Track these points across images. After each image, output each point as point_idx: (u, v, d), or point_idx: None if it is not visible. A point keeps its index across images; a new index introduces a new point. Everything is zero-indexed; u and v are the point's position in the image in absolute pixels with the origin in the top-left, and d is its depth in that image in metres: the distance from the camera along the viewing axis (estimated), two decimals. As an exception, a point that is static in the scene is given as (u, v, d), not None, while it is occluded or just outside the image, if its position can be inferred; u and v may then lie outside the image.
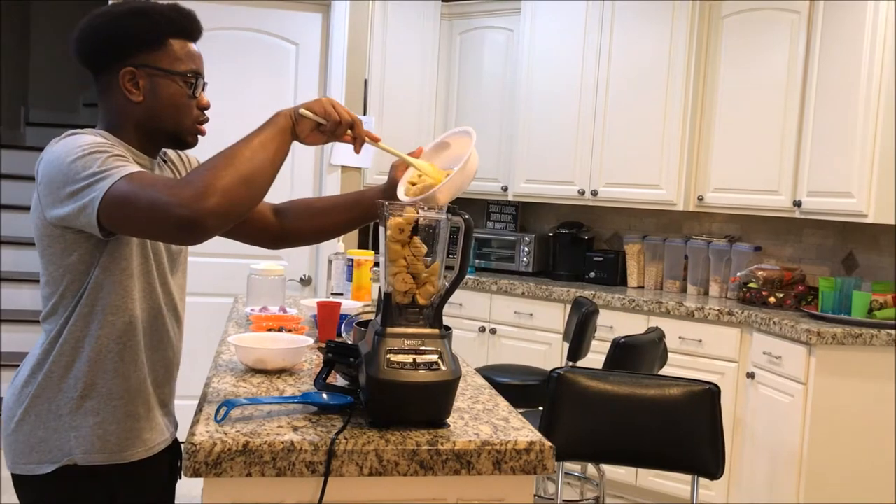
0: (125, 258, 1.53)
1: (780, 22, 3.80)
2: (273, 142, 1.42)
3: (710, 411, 1.91)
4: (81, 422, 1.52)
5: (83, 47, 1.54)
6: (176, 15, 1.53)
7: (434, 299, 1.58)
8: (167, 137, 1.58)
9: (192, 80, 1.55)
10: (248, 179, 1.35)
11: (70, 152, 1.39)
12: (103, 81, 1.55)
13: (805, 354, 3.23)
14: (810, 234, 4.01)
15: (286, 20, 4.38)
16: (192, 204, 1.27)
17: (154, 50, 1.51)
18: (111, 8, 1.53)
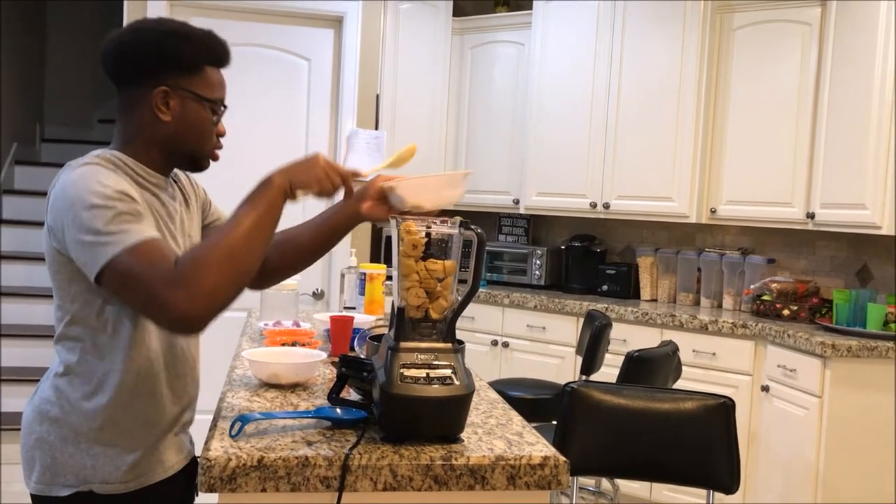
0: None
1: (792, 34, 3.80)
2: (268, 219, 1.44)
3: (725, 425, 1.90)
4: (100, 451, 1.50)
5: (119, 59, 1.53)
6: (214, 43, 1.56)
7: (447, 313, 1.58)
8: (185, 159, 1.59)
9: (219, 108, 1.58)
10: (243, 272, 1.38)
11: (82, 197, 1.37)
12: (130, 95, 1.53)
13: (820, 367, 3.21)
14: (824, 246, 3.99)
15: (298, 36, 4.41)
16: (186, 310, 1.30)
17: (190, 74, 1.52)
18: (155, 25, 1.54)
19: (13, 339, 4.50)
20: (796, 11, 3.78)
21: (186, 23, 1.56)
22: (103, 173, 1.42)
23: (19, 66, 5.76)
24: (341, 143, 4.47)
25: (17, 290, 4.81)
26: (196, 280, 1.31)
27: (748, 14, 3.92)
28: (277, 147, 4.34)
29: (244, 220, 1.40)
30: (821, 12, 3.71)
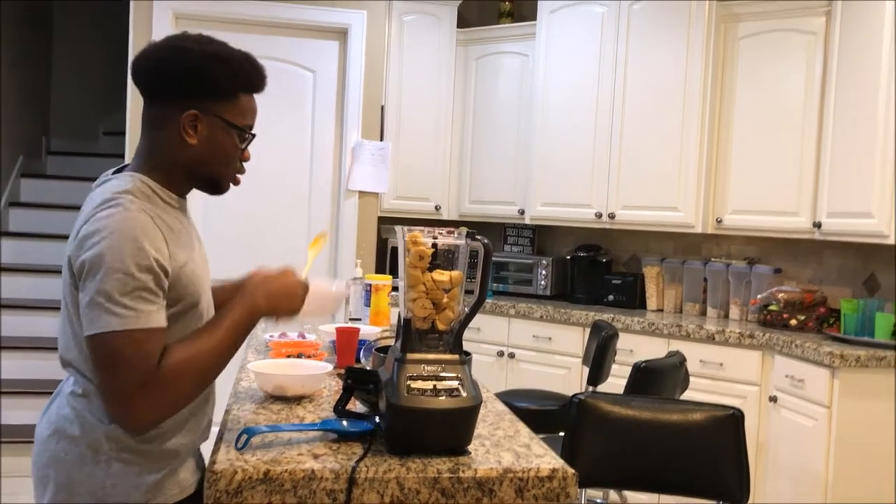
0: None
1: (797, 43, 3.79)
2: (243, 339, 1.51)
3: (734, 436, 1.88)
4: (120, 470, 1.45)
5: (151, 75, 1.50)
6: (251, 68, 1.53)
7: (454, 324, 1.58)
8: (205, 183, 1.57)
9: (246, 135, 1.56)
10: (206, 386, 1.47)
11: (114, 256, 1.34)
12: (159, 112, 1.51)
13: (828, 377, 3.19)
14: (831, 256, 3.98)
15: (304, 48, 4.43)
16: (144, 417, 1.36)
17: (223, 100, 1.50)
18: (195, 45, 1.50)
19: (18, 352, 4.50)
20: (801, 21, 3.78)
21: (226, 44, 1.53)
22: (144, 229, 1.38)
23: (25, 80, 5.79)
24: (346, 155, 4.47)
25: (24, 303, 4.82)
26: (167, 391, 1.36)
27: (752, 24, 3.92)
28: (283, 159, 4.34)
29: (227, 339, 1.46)
30: (825, 22, 3.70)
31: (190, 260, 1.50)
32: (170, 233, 1.46)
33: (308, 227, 4.49)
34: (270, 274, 1.57)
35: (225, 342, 1.45)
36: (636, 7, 4.15)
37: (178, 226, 1.51)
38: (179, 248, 1.47)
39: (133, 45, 4.19)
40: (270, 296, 1.52)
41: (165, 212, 1.49)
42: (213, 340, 1.44)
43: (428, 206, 4.77)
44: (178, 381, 1.38)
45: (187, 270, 1.47)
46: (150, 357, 1.35)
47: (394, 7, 4.62)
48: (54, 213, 5.47)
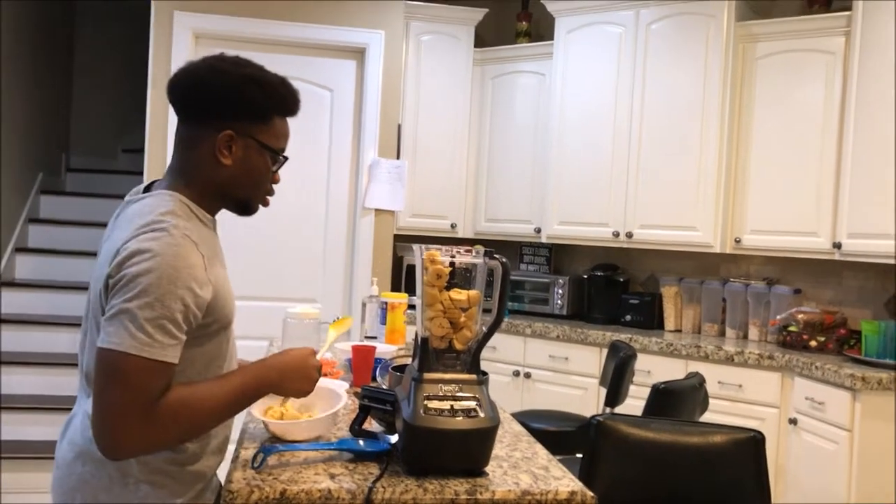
0: (203, 355, 1.50)
1: (816, 63, 3.78)
2: (246, 405, 1.49)
3: (755, 460, 1.85)
4: (148, 492, 1.45)
5: (189, 95, 1.51)
6: (286, 92, 1.54)
7: (471, 344, 1.56)
8: (236, 203, 1.57)
9: (279, 158, 1.56)
10: (196, 435, 1.46)
11: (152, 282, 1.33)
12: (193, 132, 1.52)
13: (849, 400, 3.15)
14: (851, 277, 3.93)
15: (322, 67, 4.46)
16: (131, 447, 1.35)
17: (258, 122, 1.51)
18: (233, 67, 1.51)
19: (35, 368, 4.52)
20: (820, 41, 3.77)
21: (262, 67, 1.55)
22: (188, 258, 1.38)
23: (46, 97, 5.85)
24: (363, 173, 4.48)
25: (41, 319, 4.84)
26: (156, 429, 1.34)
27: (771, 43, 3.90)
28: (300, 176, 4.36)
29: (229, 400, 1.43)
30: (844, 41, 3.68)
31: (224, 282, 1.51)
32: (209, 257, 1.45)
33: (324, 245, 4.50)
34: (292, 352, 1.55)
35: (226, 402, 1.42)
36: (654, 27, 4.15)
37: (214, 248, 1.52)
38: (216, 272, 1.47)
39: (153, 63, 4.23)
40: (284, 373, 1.50)
41: (202, 232, 1.49)
42: (216, 396, 1.41)
43: (444, 224, 4.77)
44: (170, 423, 1.35)
45: (222, 291, 1.48)
46: (153, 390, 1.33)
47: (411, 27, 4.64)
48: (73, 230, 5.51)
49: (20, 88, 5.17)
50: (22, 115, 5.24)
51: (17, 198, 5.31)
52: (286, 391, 1.52)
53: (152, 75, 4.23)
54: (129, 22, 6.34)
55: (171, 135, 4.23)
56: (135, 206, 1.49)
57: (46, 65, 5.80)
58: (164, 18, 4.22)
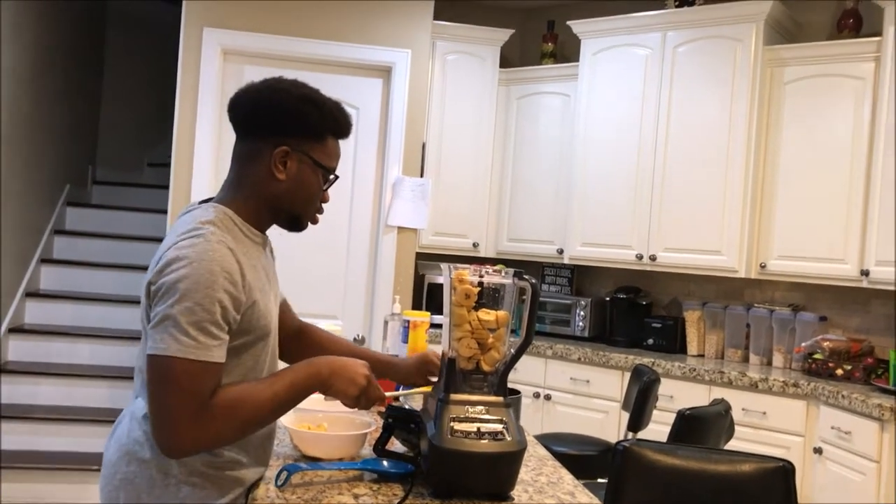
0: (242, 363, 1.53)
1: (845, 88, 3.75)
2: (298, 402, 1.51)
3: (785, 490, 1.81)
4: (189, 493, 1.49)
5: (249, 110, 1.58)
6: (340, 115, 1.61)
7: (499, 366, 1.55)
8: (287, 219, 1.62)
9: (330, 178, 1.62)
10: (248, 433, 1.49)
11: (191, 287, 1.39)
12: (251, 148, 1.57)
13: (877, 431, 3.09)
14: (879, 305, 3.88)
15: (348, 85, 4.48)
16: (186, 446, 1.39)
17: (313, 140, 1.57)
18: (291, 87, 1.58)
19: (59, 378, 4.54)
20: (849, 66, 3.74)
21: (319, 90, 1.61)
22: (223, 262, 1.43)
23: (74, 110, 5.93)
24: (386, 190, 4.49)
25: (64, 330, 4.87)
26: (213, 426, 1.39)
27: (800, 68, 3.88)
28: (323, 193, 4.37)
29: (283, 395, 1.47)
30: (874, 67, 3.66)
31: (263, 295, 1.54)
32: (247, 266, 1.50)
33: (346, 261, 4.50)
34: (346, 358, 1.57)
35: (280, 396, 1.46)
36: (681, 49, 4.14)
37: (255, 260, 1.55)
38: (255, 283, 1.51)
39: (181, 78, 4.27)
40: (334, 370, 1.52)
41: (245, 245, 1.54)
42: (270, 391, 1.46)
43: (466, 243, 4.76)
44: (226, 419, 1.40)
45: (260, 305, 1.52)
46: (204, 390, 1.39)
47: (437, 47, 4.66)
48: (98, 242, 5.55)
49: (50, 101, 5.24)
50: (51, 128, 5.30)
51: (45, 209, 5.36)
52: (332, 390, 1.52)
53: (180, 90, 4.27)
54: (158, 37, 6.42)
55: (197, 150, 4.27)
56: (184, 217, 1.56)
57: (76, 78, 5.88)
58: (193, 34, 4.27)
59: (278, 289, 1.73)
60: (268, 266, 1.64)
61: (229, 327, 1.44)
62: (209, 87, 4.23)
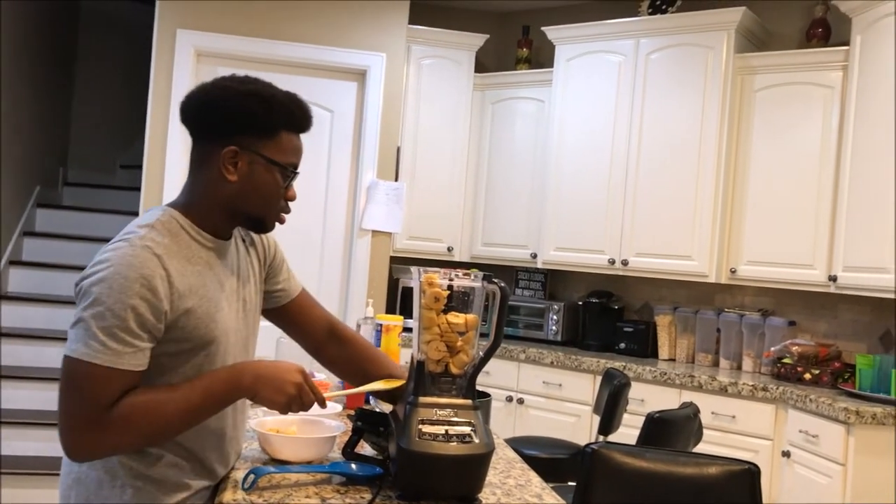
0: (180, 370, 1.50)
1: (814, 97, 3.80)
2: (214, 411, 1.48)
3: (751, 493, 1.84)
4: (133, 497, 1.48)
5: (194, 112, 1.54)
6: (294, 108, 1.55)
7: (467, 369, 1.55)
8: (247, 220, 1.58)
9: (289, 174, 1.56)
10: (154, 443, 1.46)
11: (106, 293, 1.36)
12: (202, 150, 1.54)
13: (843, 434, 3.14)
14: (846, 310, 3.94)
15: (322, 88, 4.47)
16: (83, 451, 1.39)
17: (264, 137, 1.51)
18: (235, 84, 1.53)
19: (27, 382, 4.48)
20: (818, 75, 3.80)
21: (272, 84, 1.55)
22: (142, 268, 1.39)
23: (45, 110, 5.86)
24: (361, 194, 4.49)
25: (34, 333, 4.81)
26: (111, 435, 1.37)
27: (769, 76, 3.93)
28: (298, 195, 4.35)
29: (196, 403, 1.43)
30: (842, 76, 3.71)
31: (207, 302, 1.49)
32: (184, 273, 1.45)
33: (320, 265, 4.49)
34: (277, 362, 1.53)
35: (192, 405, 1.42)
36: (654, 56, 4.18)
37: (201, 266, 1.51)
38: (193, 289, 1.46)
39: (154, 80, 4.24)
40: (259, 378, 1.47)
41: (190, 249, 1.50)
42: (179, 400, 1.41)
43: (440, 247, 4.77)
44: (125, 427, 1.38)
45: (198, 313, 1.46)
46: (106, 397, 1.36)
47: (413, 50, 4.67)
48: (68, 244, 5.49)
49: (20, 101, 5.17)
50: (20, 128, 5.24)
51: (14, 210, 5.29)
52: (258, 397, 1.47)
53: (153, 92, 4.24)
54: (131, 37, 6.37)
55: (170, 151, 4.24)
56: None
57: (47, 77, 5.82)
58: (166, 36, 4.24)
59: (252, 294, 1.65)
60: (224, 272, 1.56)
61: (151, 335, 1.40)
62: (182, 89, 4.20)
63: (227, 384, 1.45)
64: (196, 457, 1.52)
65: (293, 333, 1.83)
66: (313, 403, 1.52)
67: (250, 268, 1.67)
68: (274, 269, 1.77)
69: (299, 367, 1.52)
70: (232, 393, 1.46)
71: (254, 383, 1.46)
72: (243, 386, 1.46)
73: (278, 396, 1.47)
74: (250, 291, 1.66)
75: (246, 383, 1.46)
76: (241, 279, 1.63)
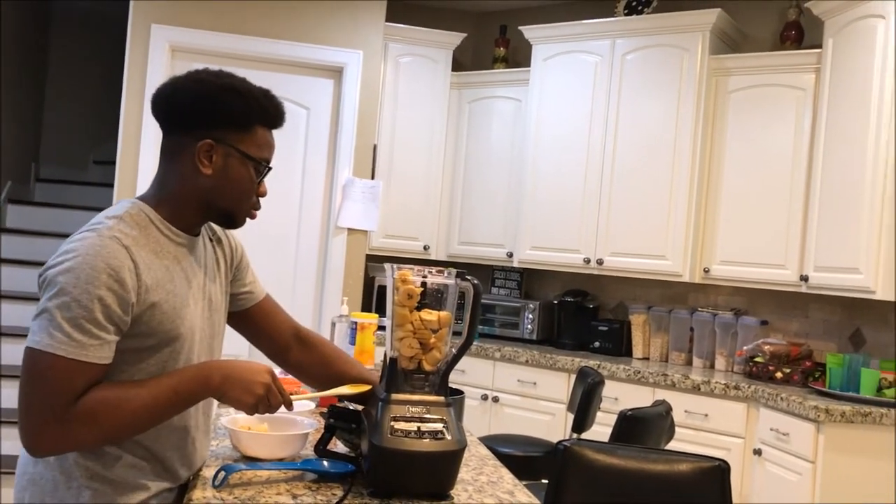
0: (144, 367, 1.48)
1: (787, 99, 3.84)
2: (182, 408, 1.46)
3: (721, 489, 1.85)
4: (89, 498, 1.44)
5: (168, 104, 1.52)
6: (268, 103, 1.54)
7: (440, 366, 1.56)
8: (219, 215, 1.56)
9: (263, 170, 1.55)
10: (120, 439, 1.43)
11: (73, 282, 1.34)
12: (175, 143, 1.52)
13: (813, 432, 3.17)
14: (817, 310, 3.98)
15: (299, 85, 4.45)
16: (45, 446, 1.35)
17: (239, 131, 1.50)
18: (211, 77, 1.52)
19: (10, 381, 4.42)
20: (791, 77, 3.84)
21: (246, 79, 1.55)
22: (109, 258, 1.37)
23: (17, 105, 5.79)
24: (337, 192, 4.47)
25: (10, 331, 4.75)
26: (75, 430, 1.34)
27: (743, 77, 3.97)
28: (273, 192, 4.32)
29: (162, 400, 1.40)
30: (815, 78, 3.76)
31: (173, 297, 1.47)
32: (151, 266, 1.43)
33: (295, 262, 4.47)
34: (245, 362, 1.51)
35: (161, 402, 1.40)
36: (629, 57, 4.21)
37: (168, 261, 1.48)
38: (160, 283, 1.44)
39: (128, 75, 4.20)
40: (227, 378, 1.45)
41: (159, 244, 1.48)
42: (146, 396, 1.39)
43: (416, 245, 4.77)
44: (89, 423, 1.34)
45: (164, 308, 1.44)
46: (70, 390, 1.33)
47: (390, 48, 4.66)
48: (40, 241, 5.42)
49: (-9, 96, 5.11)
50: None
51: (-16, 206, 5.23)
52: (226, 398, 1.46)
53: (127, 87, 4.20)
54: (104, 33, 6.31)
55: (144, 148, 4.20)
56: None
57: (18, 72, 5.74)
58: (141, 31, 4.20)
59: (218, 294, 1.63)
60: (192, 268, 1.54)
61: (118, 328, 1.38)
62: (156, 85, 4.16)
63: (196, 383, 1.43)
64: (157, 457, 1.50)
65: (258, 338, 1.79)
66: (281, 405, 1.50)
67: (216, 266, 1.65)
68: (241, 271, 1.74)
69: (268, 368, 1.50)
70: (200, 392, 1.44)
71: (222, 383, 1.44)
72: (212, 385, 1.44)
73: (246, 397, 1.45)
74: (216, 290, 1.63)
75: (214, 383, 1.44)
76: (208, 277, 1.60)
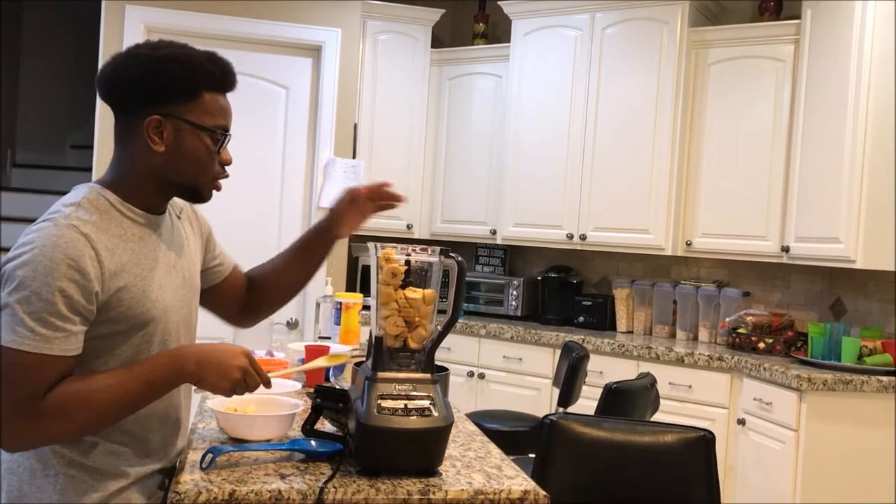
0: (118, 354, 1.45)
1: (766, 70, 3.85)
2: (156, 396, 1.43)
3: (706, 459, 1.88)
4: (66, 486, 1.42)
5: (111, 86, 1.47)
6: (212, 66, 1.48)
7: (426, 343, 1.56)
8: (182, 190, 1.52)
9: (219, 137, 1.49)
10: (94, 430, 1.41)
11: (33, 275, 1.31)
12: (126, 123, 1.47)
13: (796, 401, 3.21)
14: (798, 280, 4.02)
15: (277, 64, 4.41)
16: (20, 441, 1.34)
17: (185, 101, 1.45)
18: (148, 50, 1.46)
19: None
20: (770, 48, 3.84)
21: (187, 45, 1.49)
22: (68, 248, 1.33)
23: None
24: (318, 172, 4.45)
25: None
26: (45, 424, 1.32)
27: (723, 50, 3.97)
28: (254, 174, 4.30)
29: (135, 389, 1.38)
30: (794, 49, 3.76)
31: (141, 280, 1.44)
32: (115, 251, 1.40)
33: (277, 243, 4.43)
34: (221, 345, 1.49)
35: (131, 392, 1.38)
36: (609, 31, 4.19)
37: (133, 243, 1.45)
38: (125, 267, 1.41)
39: (103, 58, 4.14)
40: (202, 363, 1.43)
41: (121, 226, 1.44)
42: (118, 386, 1.37)
43: (399, 224, 4.75)
44: (58, 416, 1.33)
45: (133, 291, 1.42)
46: (39, 385, 1.31)
47: (368, 26, 4.62)
48: (17, 227, 5.36)
49: (-36, 80, 5.02)
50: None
51: (-40, 193, 5.16)
52: (202, 383, 1.44)
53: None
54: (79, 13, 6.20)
55: (121, 130, 4.15)
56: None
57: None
58: (115, 11, 4.14)
59: (192, 269, 1.60)
60: (159, 248, 1.51)
61: (83, 318, 1.35)
62: (133, 66, 4.11)
63: (169, 370, 1.41)
64: (137, 439, 1.48)
65: (225, 308, 1.80)
66: (258, 385, 1.49)
67: (186, 242, 1.62)
68: (211, 244, 1.74)
69: (244, 350, 1.48)
70: (174, 379, 1.43)
71: (198, 369, 1.42)
72: (186, 372, 1.42)
73: (223, 382, 1.44)
74: (189, 266, 1.60)
75: (189, 369, 1.42)
76: (178, 254, 1.57)
